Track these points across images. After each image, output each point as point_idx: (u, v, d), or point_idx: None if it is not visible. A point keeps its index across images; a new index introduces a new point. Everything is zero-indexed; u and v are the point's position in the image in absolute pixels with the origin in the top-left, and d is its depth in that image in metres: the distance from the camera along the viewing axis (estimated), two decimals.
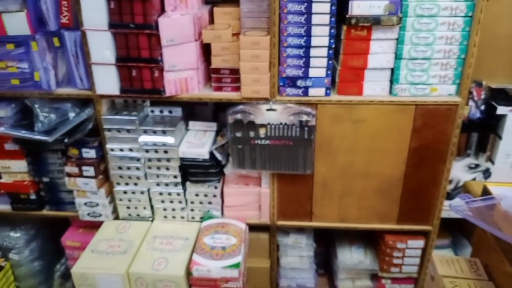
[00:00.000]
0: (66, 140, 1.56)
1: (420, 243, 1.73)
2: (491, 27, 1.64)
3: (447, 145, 1.54)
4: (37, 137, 1.54)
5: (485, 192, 1.12)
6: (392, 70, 1.49)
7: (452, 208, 1.06)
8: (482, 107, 1.78)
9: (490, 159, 1.81)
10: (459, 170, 1.84)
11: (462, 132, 1.58)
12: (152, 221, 1.76)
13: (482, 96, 1.79)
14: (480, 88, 1.81)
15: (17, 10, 1.44)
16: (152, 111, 1.65)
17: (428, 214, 1.68)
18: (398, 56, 1.46)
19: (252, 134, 1.54)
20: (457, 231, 2.06)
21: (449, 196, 1.77)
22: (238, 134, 1.54)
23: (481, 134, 1.82)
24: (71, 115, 1.56)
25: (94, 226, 1.77)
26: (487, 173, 1.79)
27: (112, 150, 1.61)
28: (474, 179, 1.84)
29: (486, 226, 0.97)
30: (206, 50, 1.54)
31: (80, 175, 1.64)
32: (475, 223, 0.99)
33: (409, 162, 1.57)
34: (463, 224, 1.94)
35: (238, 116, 1.51)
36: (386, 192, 1.63)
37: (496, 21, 1.67)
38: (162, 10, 1.46)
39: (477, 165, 1.88)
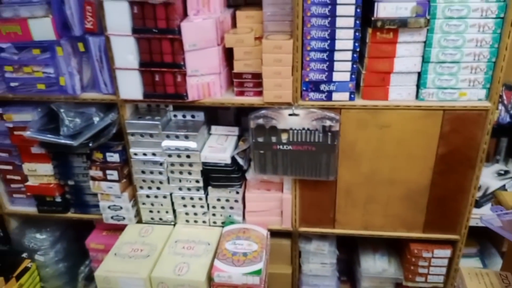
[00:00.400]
0: (90, 144, 1.58)
1: (447, 252, 1.68)
2: None
3: (476, 151, 1.49)
4: (63, 141, 1.57)
5: None
6: (419, 74, 1.44)
7: (483, 221, 1.01)
8: None
9: None
10: (487, 177, 1.78)
11: (491, 137, 1.52)
12: (174, 225, 1.76)
13: None
14: (510, 92, 1.75)
15: (42, 15, 1.47)
16: (175, 116, 1.66)
17: (455, 223, 1.62)
18: (425, 60, 1.42)
19: (274, 139, 1.52)
20: (485, 239, 1.98)
21: (477, 204, 1.71)
22: (260, 139, 1.53)
23: (511, 139, 1.75)
24: (96, 119, 1.58)
25: (118, 229, 1.79)
26: None
27: (135, 154, 1.62)
28: (504, 186, 1.77)
29: None
30: (228, 54, 1.53)
31: (104, 178, 1.65)
32: (508, 238, 0.94)
33: (436, 169, 1.52)
34: (491, 232, 1.87)
35: (260, 121, 1.50)
36: (412, 200, 1.59)
37: None
38: (185, 15, 1.46)
39: (506, 172, 1.82)
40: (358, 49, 1.41)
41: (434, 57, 1.41)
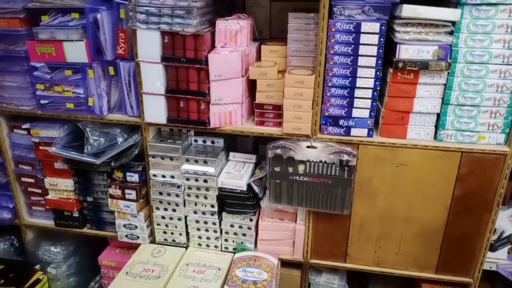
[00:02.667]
0: (112, 163, 1.63)
1: None
2: None
3: (493, 195, 1.49)
4: (86, 158, 1.62)
5: None
6: (438, 115, 1.46)
7: (499, 269, 1.01)
8: None
9: None
10: (503, 220, 1.75)
11: (510, 181, 1.52)
12: (186, 248, 1.78)
13: None
14: None
15: (77, 39, 1.55)
16: (195, 141, 1.70)
17: (469, 266, 1.60)
18: (445, 102, 1.44)
19: (291, 169, 1.54)
20: (499, 284, 1.94)
21: (492, 248, 1.69)
22: (277, 169, 1.55)
23: None
24: (119, 140, 1.63)
25: (131, 247, 1.82)
26: None
27: (154, 175, 1.66)
28: None
29: None
30: (252, 85, 1.58)
31: (123, 197, 1.69)
32: None
33: (452, 210, 1.52)
34: (505, 277, 1.83)
35: (278, 151, 1.53)
36: (426, 239, 1.58)
37: None
38: (213, 46, 1.52)
39: None
40: (378, 88, 1.44)
41: (454, 100, 1.43)
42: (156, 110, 1.56)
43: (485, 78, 1.40)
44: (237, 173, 1.65)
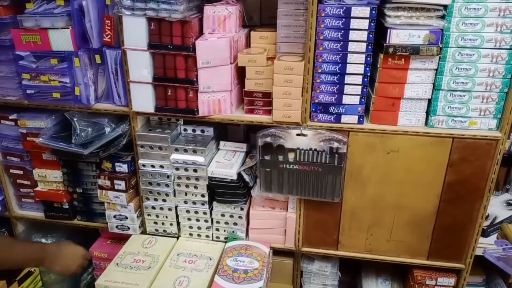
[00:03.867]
0: (101, 154, 1.61)
1: (451, 281, 1.65)
2: None
3: (485, 181, 1.48)
4: (74, 149, 1.59)
5: None
6: (429, 101, 1.45)
7: (486, 255, 1.00)
8: None
9: None
10: (496, 206, 1.75)
11: (502, 166, 1.51)
12: (177, 238, 1.77)
13: None
14: None
15: (62, 27, 1.51)
16: (185, 130, 1.68)
17: (461, 251, 1.60)
18: (436, 87, 1.42)
19: (281, 158, 1.53)
20: (491, 269, 1.94)
21: (485, 233, 1.69)
22: (267, 157, 1.54)
23: None
24: (107, 129, 1.60)
25: (122, 238, 1.80)
26: None
27: (144, 165, 1.64)
28: None
29: None
30: (241, 73, 1.56)
31: (112, 188, 1.68)
32: (510, 273, 0.93)
33: (443, 197, 1.51)
34: None
35: (268, 139, 1.51)
36: (418, 226, 1.58)
37: None
38: (201, 33, 1.49)
39: None
40: (369, 74, 1.42)
41: (446, 85, 1.41)
42: (143, 99, 1.54)
43: (477, 63, 1.38)
44: (227, 162, 1.63)
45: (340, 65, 1.42)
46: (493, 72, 1.38)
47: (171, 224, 1.75)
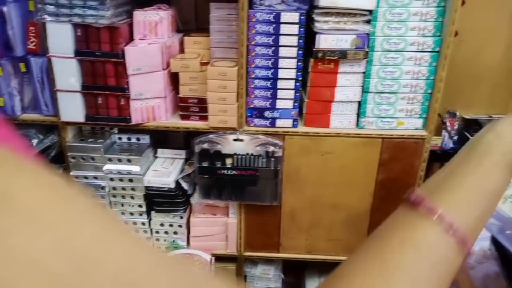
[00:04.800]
0: None
1: None
2: (473, 60, 1.69)
3: (413, 178, 1.54)
4: None
5: None
6: (359, 103, 1.50)
7: None
8: (455, 138, 1.80)
9: None
10: None
11: (435, 162, 1.58)
12: None
13: (456, 127, 1.81)
14: (453, 119, 1.83)
15: None
16: (119, 138, 1.63)
17: None
18: (365, 90, 1.47)
19: (218, 164, 1.52)
20: None
21: None
22: (205, 164, 1.52)
23: None
24: (34, 141, 1.53)
25: None
26: None
27: (76, 177, 1.58)
28: None
29: None
30: (175, 79, 1.53)
31: None
32: None
33: (376, 195, 1.57)
34: None
35: (205, 145, 1.50)
36: (354, 224, 1.62)
37: (478, 53, 1.70)
38: (131, 39, 1.46)
39: None
40: (300, 78, 1.45)
41: (373, 87, 1.47)
42: (72, 108, 1.48)
43: (401, 66, 1.44)
44: (165, 170, 1.60)
45: (272, 70, 1.44)
46: (417, 74, 1.45)
47: None
